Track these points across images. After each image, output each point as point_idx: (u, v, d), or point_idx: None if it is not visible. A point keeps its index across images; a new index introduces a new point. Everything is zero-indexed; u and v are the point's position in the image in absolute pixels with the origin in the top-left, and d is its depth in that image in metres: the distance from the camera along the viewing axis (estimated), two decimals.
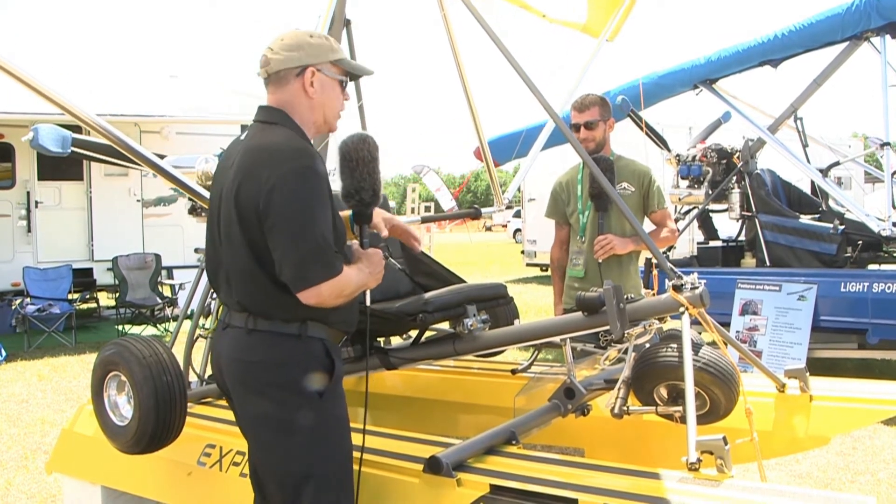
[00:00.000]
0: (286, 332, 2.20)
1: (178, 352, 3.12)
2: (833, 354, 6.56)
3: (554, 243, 4.07)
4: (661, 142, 7.20)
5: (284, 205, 2.08)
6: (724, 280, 6.55)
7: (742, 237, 7.35)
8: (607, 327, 2.54)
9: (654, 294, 2.81)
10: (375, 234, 2.59)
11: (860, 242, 6.35)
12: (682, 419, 2.55)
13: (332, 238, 2.15)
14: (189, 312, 3.89)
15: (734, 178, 6.95)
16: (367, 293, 2.37)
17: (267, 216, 2.10)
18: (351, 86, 3.85)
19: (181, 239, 10.81)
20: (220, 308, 2.46)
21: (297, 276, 2.10)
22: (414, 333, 3.34)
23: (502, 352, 3.63)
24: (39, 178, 10.64)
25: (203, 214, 3.73)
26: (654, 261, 5.18)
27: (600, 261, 3.70)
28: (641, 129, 6.91)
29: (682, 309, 2.44)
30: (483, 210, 4.66)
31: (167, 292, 10.82)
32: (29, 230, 10.61)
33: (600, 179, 2.86)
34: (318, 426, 2.20)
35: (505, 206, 4.62)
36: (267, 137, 2.22)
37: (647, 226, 3.98)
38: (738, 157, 6.99)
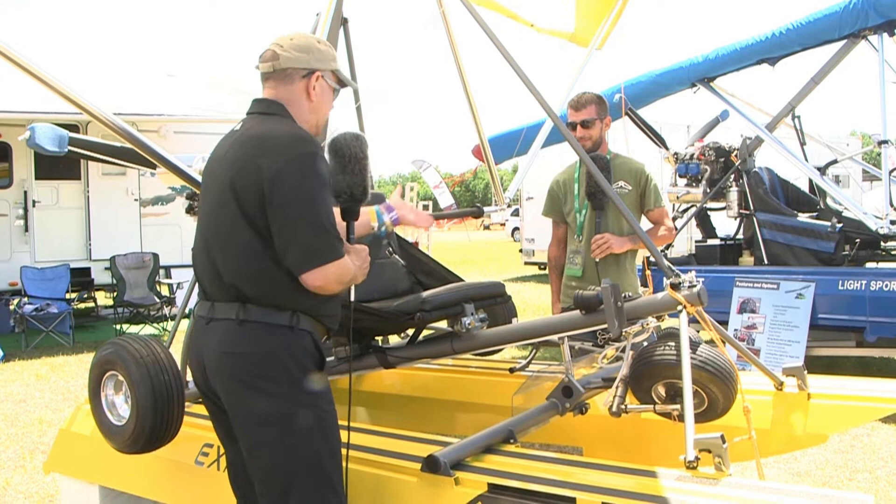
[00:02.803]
0: (278, 323, 2.20)
1: (176, 351, 3.11)
2: (831, 352, 6.56)
3: (551, 242, 4.07)
4: (658, 140, 7.20)
5: (291, 188, 2.12)
6: (722, 278, 6.55)
7: (740, 235, 7.35)
8: (605, 326, 2.54)
9: (650, 292, 2.81)
10: (377, 233, 2.62)
11: (858, 240, 6.35)
12: (681, 417, 2.55)
13: (335, 224, 2.19)
14: (187, 311, 3.88)
15: (732, 176, 6.96)
16: (353, 290, 2.40)
17: (272, 200, 2.12)
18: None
19: (179, 238, 10.79)
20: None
21: (303, 258, 2.13)
22: (412, 332, 3.34)
23: (500, 350, 3.64)
24: (37, 178, 10.61)
25: None
26: (651, 259, 5.15)
27: (598, 260, 3.70)
28: (641, 128, 6.93)
29: (680, 307, 2.44)
30: (485, 209, 4.66)
31: (165, 291, 10.80)
32: (26, 230, 10.59)
33: (598, 179, 2.86)
34: (310, 421, 2.20)
35: (506, 205, 4.62)
36: (268, 127, 2.25)
37: (644, 224, 3.97)
38: (735, 156, 6.99)
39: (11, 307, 10.15)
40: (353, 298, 2.40)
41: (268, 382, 2.18)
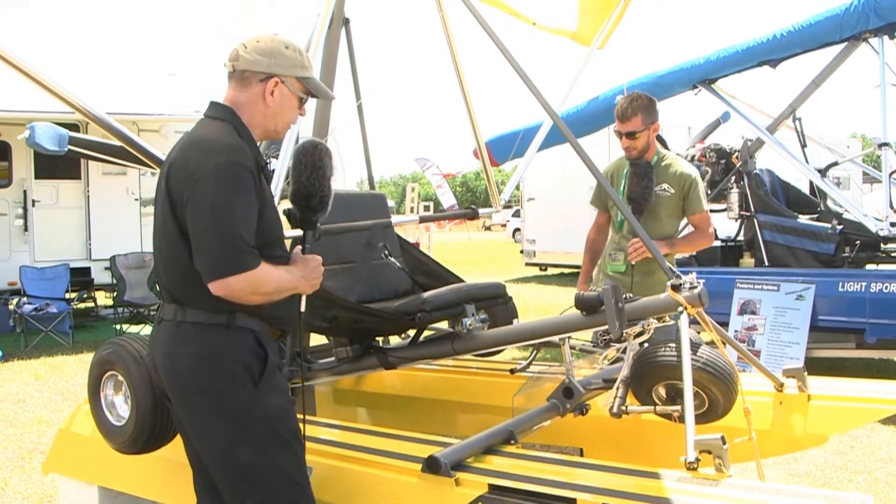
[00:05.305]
0: (214, 323, 2.20)
1: None
2: (831, 354, 6.56)
3: (592, 226, 4.16)
4: (659, 142, 7.19)
5: (204, 195, 2.12)
6: (722, 280, 6.55)
7: (741, 237, 7.35)
8: (606, 327, 2.54)
9: None
10: (379, 232, 2.61)
11: (858, 242, 6.35)
12: (681, 418, 2.55)
13: (251, 236, 2.15)
14: None
15: (733, 177, 6.96)
16: (303, 300, 2.38)
17: (187, 205, 2.15)
18: (348, 84, 3.88)
19: None
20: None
21: (206, 267, 2.12)
22: (413, 333, 3.34)
23: (501, 351, 3.64)
24: (36, 177, 10.60)
25: None
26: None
27: (633, 263, 3.74)
28: None
29: (680, 308, 2.44)
30: (480, 210, 4.68)
31: None
32: (26, 229, 10.58)
33: (605, 186, 2.89)
34: (255, 416, 2.19)
35: (502, 207, 4.64)
36: (204, 131, 2.28)
37: (686, 227, 4.05)
38: (736, 157, 6.99)
39: (11, 307, 10.14)
40: (302, 308, 2.38)
41: (207, 381, 2.18)
